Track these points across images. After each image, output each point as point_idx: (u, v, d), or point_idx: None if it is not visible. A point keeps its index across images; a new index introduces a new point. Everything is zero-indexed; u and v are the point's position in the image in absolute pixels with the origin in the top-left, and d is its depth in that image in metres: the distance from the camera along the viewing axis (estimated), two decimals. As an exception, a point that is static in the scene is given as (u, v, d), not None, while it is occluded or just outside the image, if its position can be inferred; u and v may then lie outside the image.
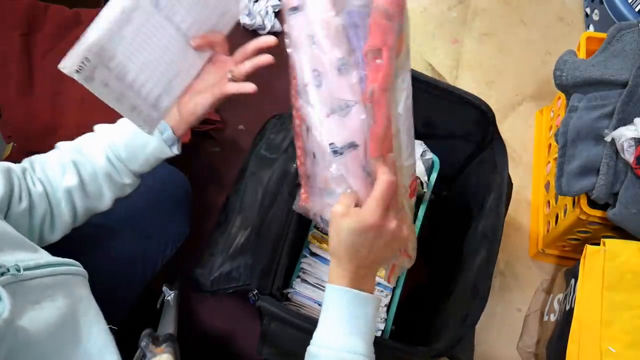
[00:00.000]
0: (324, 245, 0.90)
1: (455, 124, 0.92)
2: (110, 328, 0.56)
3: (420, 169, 0.87)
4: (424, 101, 0.90)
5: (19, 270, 0.48)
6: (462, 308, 0.76)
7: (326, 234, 0.91)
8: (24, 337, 0.45)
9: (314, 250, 0.90)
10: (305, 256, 0.90)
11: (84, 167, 0.66)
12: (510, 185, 0.94)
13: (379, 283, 0.88)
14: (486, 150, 0.91)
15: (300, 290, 0.87)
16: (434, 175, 0.92)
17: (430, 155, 0.90)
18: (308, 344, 0.58)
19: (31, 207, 0.61)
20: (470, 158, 0.95)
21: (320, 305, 0.86)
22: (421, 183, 0.88)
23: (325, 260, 0.89)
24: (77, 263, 0.57)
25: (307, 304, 0.86)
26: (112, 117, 0.99)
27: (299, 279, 0.88)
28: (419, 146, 0.89)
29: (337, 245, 0.55)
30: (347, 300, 0.55)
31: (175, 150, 0.69)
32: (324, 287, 0.87)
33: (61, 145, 0.68)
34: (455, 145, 0.95)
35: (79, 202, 0.66)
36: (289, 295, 0.87)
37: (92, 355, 0.51)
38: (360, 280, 0.56)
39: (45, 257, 0.55)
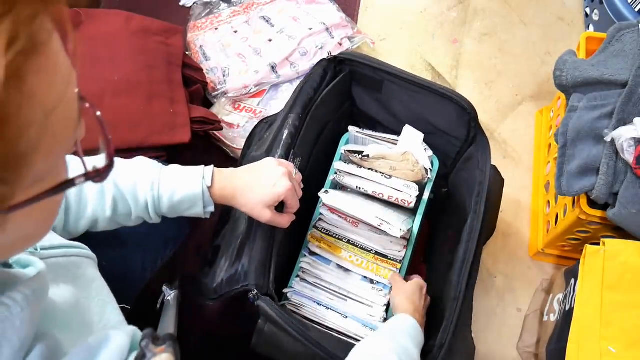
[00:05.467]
0: (323, 245, 0.90)
1: (440, 121, 0.92)
2: (122, 308, 0.57)
3: (423, 157, 0.87)
4: (407, 98, 0.90)
5: (36, 249, 0.49)
6: (447, 309, 0.76)
7: (325, 232, 0.91)
8: (51, 305, 0.45)
9: (313, 249, 0.90)
10: (305, 255, 0.90)
11: (122, 206, 0.67)
12: (500, 181, 0.94)
13: (378, 282, 0.88)
14: (472, 146, 0.90)
15: (300, 290, 0.87)
16: (433, 175, 0.92)
17: (430, 153, 0.90)
18: (299, 349, 0.61)
19: None
20: (459, 154, 0.95)
21: (319, 304, 0.86)
22: (425, 170, 0.87)
23: (324, 260, 0.89)
24: (86, 247, 0.58)
25: (307, 303, 0.86)
26: (113, 117, 1.00)
27: (298, 279, 0.88)
28: (420, 141, 0.89)
29: (403, 297, 0.81)
30: (409, 323, 0.73)
31: (208, 216, 0.72)
32: (323, 286, 0.87)
33: None
34: (445, 142, 0.94)
35: (100, 227, 0.68)
36: (288, 295, 0.87)
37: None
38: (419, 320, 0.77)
39: (58, 238, 0.55)
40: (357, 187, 0.89)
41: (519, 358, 1.06)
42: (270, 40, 1.33)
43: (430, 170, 0.90)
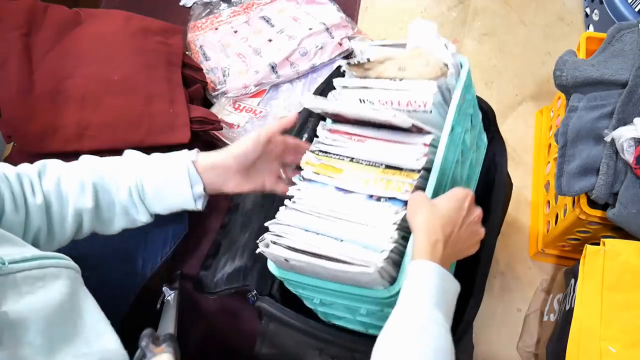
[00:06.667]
0: (320, 168, 0.67)
1: None
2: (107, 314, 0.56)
3: (439, 48, 0.67)
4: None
5: (4, 264, 0.48)
6: (460, 307, 0.75)
7: (323, 154, 0.68)
8: (14, 321, 0.45)
9: (308, 176, 0.66)
10: (295, 183, 0.67)
11: (104, 195, 0.65)
12: (510, 185, 0.93)
13: (388, 198, 0.63)
14: (489, 149, 0.90)
15: (282, 219, 0.63)
16: (463, 75, 0.75)
17: (452, 49, 0.70)
18: (306, 344, 0.59)
19: (27, 219, 0.61)
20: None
21: (307, 231, 0.62)
22: (445, 64, 0.67)
23: (320, 184, 0.66)
24: (67, 257, 0.57)
25: (291, 231, 0.62)
26: (112, 117, 1.00)
27: (283, 207, 0.65)
28: (433, 31, 0.68)
29: (423, 217, 0.54)
30: (438, 274, 0.53)
31: (200, 206, 0.69)
32: (315, 212, 0.63)
33: (85, 161, 0.67)
34: None
35: (86, 224, 0.66)
36: (269, 227, 0.65)
37: (90, 340, 0.51)
38: (445, 262, 0.54)
39: (32, 251, 0.54)
40: (360, 99, 0.69)
41: (519, 358, 1.06)
42: (270, 40, 1.33)
43: (452, 65, 0.68)
